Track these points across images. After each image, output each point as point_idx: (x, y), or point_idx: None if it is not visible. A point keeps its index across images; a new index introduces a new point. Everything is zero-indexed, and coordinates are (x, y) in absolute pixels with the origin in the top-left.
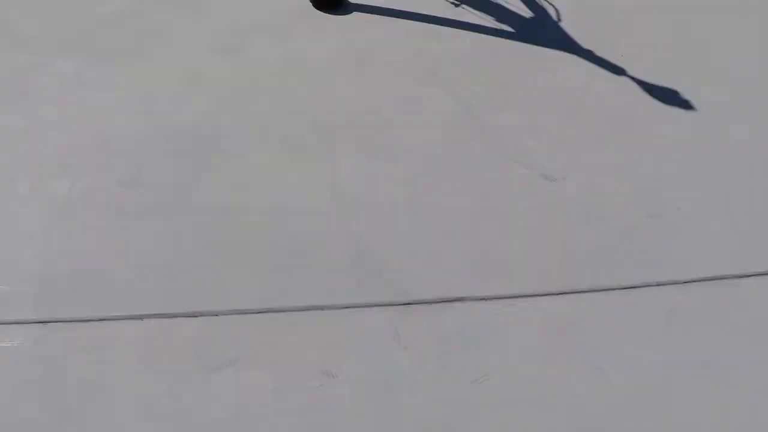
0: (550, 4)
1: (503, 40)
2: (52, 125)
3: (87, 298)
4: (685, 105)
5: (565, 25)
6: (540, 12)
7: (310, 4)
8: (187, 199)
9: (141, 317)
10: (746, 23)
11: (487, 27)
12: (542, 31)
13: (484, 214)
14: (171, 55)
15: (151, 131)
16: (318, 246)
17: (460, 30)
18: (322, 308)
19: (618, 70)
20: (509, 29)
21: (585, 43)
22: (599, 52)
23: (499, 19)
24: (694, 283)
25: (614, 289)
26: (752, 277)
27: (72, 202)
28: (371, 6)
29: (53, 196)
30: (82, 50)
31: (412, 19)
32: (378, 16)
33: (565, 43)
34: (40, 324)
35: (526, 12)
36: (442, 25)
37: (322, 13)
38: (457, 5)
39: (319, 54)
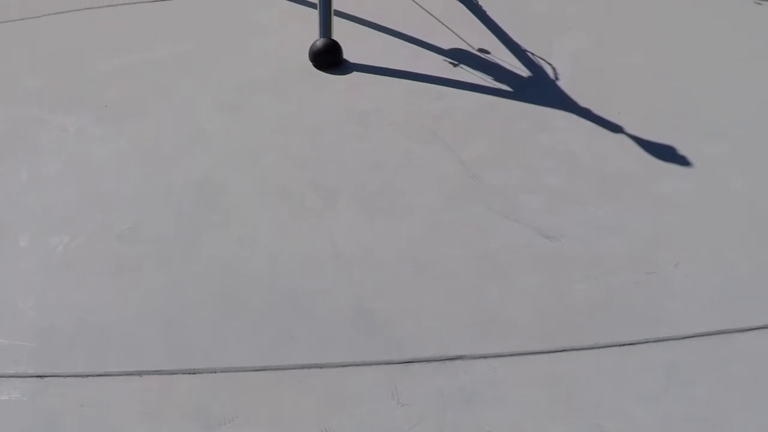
0: (548, 63)
1: (501, 99)
2: (53, 180)
3: (86, 352)
4: (683, 161)
5: (563, 83)
6: (537, 71)
7: (310, 63)
8: (187, 255)
9: (140, 373)
10: (744, 78)
11: (485, 86)
12: (540, 89)
13: (483, 271)
14: (172, 111)
15: (152, 187)
16: (318, 304)
17: (458, 89)
18: (321, 366)
19: (615, 128)
20: (507, 88)
21: (582, 102)
22: (597, 110)
23: (498, 79)
24: (693, 338)
25: (613, 345)
26: (752, 331)
27: (72, 256)
28: (370, 66)
29: (53, 250)
30: (83, 106)
31: (410, 79)
32: (377, 75)
33: (562, 101)
34: (38, 378)
35: (523, 71)
36: (440, 84)
37: (322, 72)
38: (455, 65)
39: (319, 112)
